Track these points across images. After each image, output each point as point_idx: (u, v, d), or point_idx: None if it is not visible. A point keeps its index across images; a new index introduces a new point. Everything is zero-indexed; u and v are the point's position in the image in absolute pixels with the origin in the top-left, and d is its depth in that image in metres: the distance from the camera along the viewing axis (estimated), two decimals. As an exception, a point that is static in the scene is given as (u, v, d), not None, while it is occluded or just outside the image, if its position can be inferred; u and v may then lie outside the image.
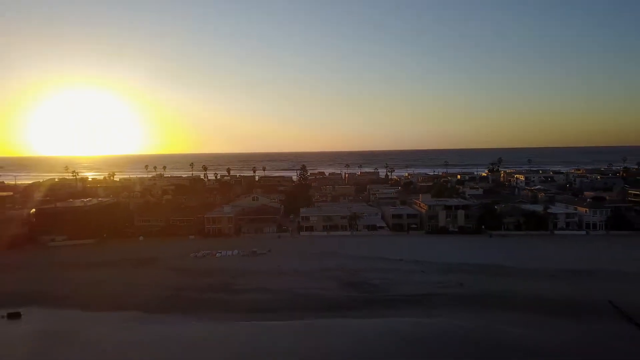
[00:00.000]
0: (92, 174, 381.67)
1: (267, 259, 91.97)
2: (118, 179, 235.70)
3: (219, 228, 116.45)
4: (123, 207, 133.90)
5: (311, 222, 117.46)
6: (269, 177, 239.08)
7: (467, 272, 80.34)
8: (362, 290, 71.60)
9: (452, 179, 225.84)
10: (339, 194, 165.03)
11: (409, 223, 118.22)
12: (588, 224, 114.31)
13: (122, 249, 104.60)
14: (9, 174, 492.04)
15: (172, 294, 72.00)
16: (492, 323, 55.31)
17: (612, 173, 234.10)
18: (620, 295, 67.27)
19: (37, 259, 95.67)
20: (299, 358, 47.99)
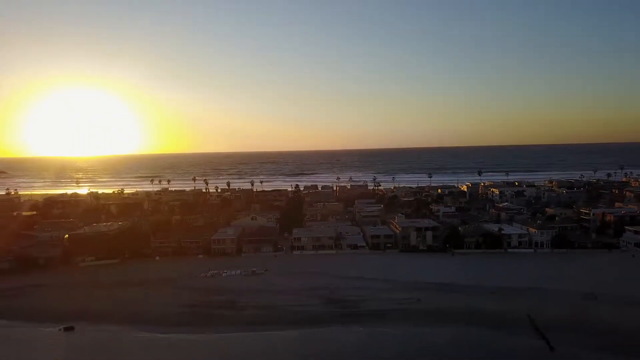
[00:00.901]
0: (97, 185, 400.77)
1: (264, 278, 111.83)
2: (126, 194, 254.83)
3: (223, 248, 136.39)
4: (139, 229, 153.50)
5: (302, 242, 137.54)
6: (265, 192, 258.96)
7: (426, 289, 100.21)
8: (341, 306, 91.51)
9: (433, 192, 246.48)
10: (329, 212, 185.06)
11: (386, 242, 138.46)
12: (537, 243, 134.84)
13: (142, 268, 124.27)
14: (14, 181, 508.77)
15: (187, 311, 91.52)
16: (428, 334, 75.47)
17: (580, 186, 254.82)
18: (540, 309, 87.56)
19: (74, 279, 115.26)
20: None
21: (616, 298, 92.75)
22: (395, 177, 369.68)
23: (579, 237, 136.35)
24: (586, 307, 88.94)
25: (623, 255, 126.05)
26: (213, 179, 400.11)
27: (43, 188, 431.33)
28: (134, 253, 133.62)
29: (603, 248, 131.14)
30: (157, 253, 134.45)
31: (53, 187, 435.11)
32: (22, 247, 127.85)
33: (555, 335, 75.32)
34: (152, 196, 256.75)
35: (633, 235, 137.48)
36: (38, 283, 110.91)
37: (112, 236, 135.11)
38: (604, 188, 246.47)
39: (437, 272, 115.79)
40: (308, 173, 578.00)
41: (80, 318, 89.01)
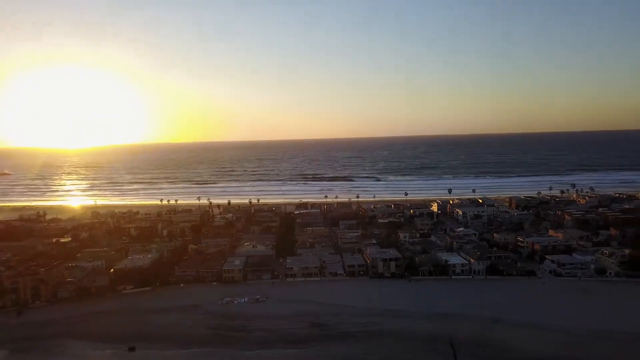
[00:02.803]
0: (97, 200, 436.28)
1: (265, 305, 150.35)
2: (140, 216, 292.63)
3: (232, 276, 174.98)
4: (164, 259, 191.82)
5: (294, 271, 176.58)
6: (262, 211, 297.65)
7: (383, 315, 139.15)
8: (320, 329, 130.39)
9: (407, 212, 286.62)
10: (316, 237, 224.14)
11: (359, 270, 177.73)
12: (475, 271, 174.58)
13: (171, 295, 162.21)
14: (20, 185, 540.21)
15: (211, 333, 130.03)
16: (371, 354, 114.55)
17: (534, 205, 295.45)
18: (459, 330, 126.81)
19: (123, 306, 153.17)
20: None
21: (516, 322, 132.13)
22: (382, 180, 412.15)
23: (507, 265, 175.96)
24: (491, 329, 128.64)
25: (536, 282, 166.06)
26: (217, 193, 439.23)
27: (54, 197, 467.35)
28: (162, 281, 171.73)
29: (524, 275, 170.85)
30: (181, 280, 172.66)
31: (62, 196, 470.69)
32: (77, 278, 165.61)
33: (466, 352, 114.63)
34: (163, 216, 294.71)
35: (550, 263, 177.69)
36: (97, 310, 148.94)
37: (146, 268, 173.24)
38: (554, 207, 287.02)
39: (394, 297, 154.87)
40: (310, 178, 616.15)
41: (137, 339, 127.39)
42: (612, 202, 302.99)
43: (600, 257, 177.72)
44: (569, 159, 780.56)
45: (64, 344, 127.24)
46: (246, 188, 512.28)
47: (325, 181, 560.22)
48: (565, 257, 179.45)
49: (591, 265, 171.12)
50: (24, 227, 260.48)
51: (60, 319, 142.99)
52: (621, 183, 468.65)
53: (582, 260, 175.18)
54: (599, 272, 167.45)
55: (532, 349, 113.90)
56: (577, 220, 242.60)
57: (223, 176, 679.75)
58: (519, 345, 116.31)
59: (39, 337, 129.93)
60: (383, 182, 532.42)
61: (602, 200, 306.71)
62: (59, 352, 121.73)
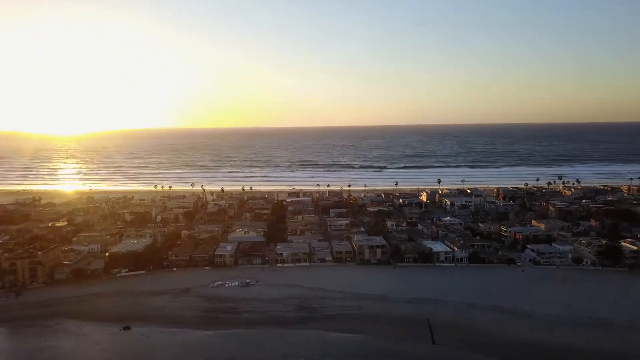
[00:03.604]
0: (103, 179, 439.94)
1: (255, 288, 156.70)
2: (136, 202, 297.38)
3: (224, 261, 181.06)
4: (158, 244, 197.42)
5: (284, 257, 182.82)
6: (255, 198, 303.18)
7: (367, 299, 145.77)
8: (306, 311, 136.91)
9: (396, 201, 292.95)
10: (307, 225, 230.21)
11: (346, 257, 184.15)
12: (458, 258, 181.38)
13: (165, 278, 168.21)
14: (18, 169, 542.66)
15: (203, 314, 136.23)
16: (351, 335, 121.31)
17: (520, 196, 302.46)
18: (438, 315, 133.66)
19: (118, 288, 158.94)
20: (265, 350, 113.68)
21: (492, 307, 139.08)
22: (374, 169, 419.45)
23: (489, 254, 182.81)
24: (468, 313, 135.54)
25: (516, 270, 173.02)
26: (210, 180, 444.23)
27: (49, 181, 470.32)
28: (156, 265, 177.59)
29: (505, 263, 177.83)
30: (174, 265, 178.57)
31: (57, 181, 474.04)
32: (73, 260, 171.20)
33: (442, 334, 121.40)
34: (158, 202, 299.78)
35: (529, 252, 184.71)
36: (93, 292, 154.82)
37: (140, 252, 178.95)
38: (539, 198, 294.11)
39: (379, 283, 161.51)
40: (306, 165, 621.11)
41: (132, 319, 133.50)
42: (596, 194, 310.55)
43: (578, 246, 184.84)
44: (559, 150, 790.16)
45: (61, 323, 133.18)
46: (241, 175, 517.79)
47: (318, 169, 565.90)
48: (545, 246, 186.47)
49: (569, 254, 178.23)
50: (19, 211, 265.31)
51: (57, 300, 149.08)
52: (610, 174, 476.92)
53: (561, 249, 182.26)
54: (576, 261, 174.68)
55: (504, 332, 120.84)
56: (560, 211, 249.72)
57: (221, 163, 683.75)
58: (492, 329, 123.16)
59: (38, 317, 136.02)
60: (375, 171, 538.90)
61: (587, 192, 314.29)
62: (56, 331, 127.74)
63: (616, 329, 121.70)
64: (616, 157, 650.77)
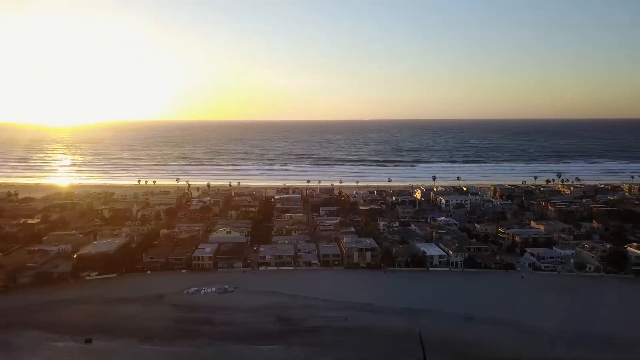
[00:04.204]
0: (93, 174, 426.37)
1: (233, 295, 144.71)
2: (117, 198, 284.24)
3: (202, 264, 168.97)
4: (132, 246, 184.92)
5: (267, 260, 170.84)
6: (242, 194, 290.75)
7: (354, 309, 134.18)
8: (286, 323, 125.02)
9: (389, 199, 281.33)
10: (294, 224, 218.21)
11: (334, 260, 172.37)
12: (453, 263, 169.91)
13: (137, 283, 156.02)
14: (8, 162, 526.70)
15: (174, 327, 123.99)
16: (340, 349, 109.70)
17: (517, 194, 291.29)
18: (430, 327, 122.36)
19: (85, 294, 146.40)
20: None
21: (489, 319, 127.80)
22: (368, 165, 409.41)
23: (486, 258, 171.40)
24: (464, 327, 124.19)
25: (515, 276, 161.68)
26: (202, 174, 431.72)
27: (31, 174, 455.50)
28: (129, 268, 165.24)
29: (502, 269, 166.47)
30: (149, 268, 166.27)
31: (40, 174, 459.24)
32: (39, 263, 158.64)
33: (435, 350, 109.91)
34: (140, 198, 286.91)
35: (529, 256, 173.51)
36: (57, 299, 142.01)
37: (112, 254, 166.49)
38: (538, 196, 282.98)
39: (368, 290, 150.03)
40: (298, 159, 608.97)
41: (96, 330, 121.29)
42: (596, 192, 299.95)
43: (580, 251, 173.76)
44: (553, 146, 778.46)
45: (18, 334, 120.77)
46: (234, 169, 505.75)
47: (312, 163, 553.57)
48: (545, 250, 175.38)
49: (571, 259, 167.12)
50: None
51: (17, 308, 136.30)
52: (608, 172, 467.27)
53: (562, 254, 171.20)
54: (578, 267, 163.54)
55: (501, 348, 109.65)
56: (560, 212, 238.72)
57: (215, 156, 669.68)
58: (489, 344, 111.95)
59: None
60: (369, 166, 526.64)
61: (587, 191, 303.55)
62: (9, 344, 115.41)
63: (625, 345, 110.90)
64: (612, 154, 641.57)
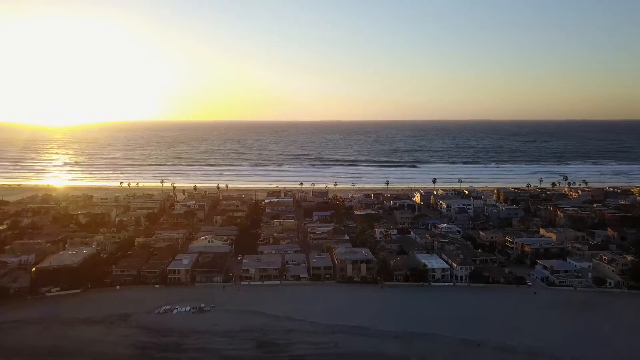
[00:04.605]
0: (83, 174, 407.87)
1: (209, 315, 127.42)
2: (96, 202, 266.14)
3: (178, 277, 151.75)
4: (101, 257, 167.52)
5: (250, 273, 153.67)
6: (230, 198, 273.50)
7: (345, 332, 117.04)
8: (267, 350, 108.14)
9: (386, 203, 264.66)
10: (284, 231, 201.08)
11: (325, 273, 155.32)
12: (457, 277, 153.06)
13: (103, 300, 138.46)
14: None
15: (139, 353, 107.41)
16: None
17: (523, 199, 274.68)
18: (430, 354, 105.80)
19: (43, 312, 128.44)
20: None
21: (500, 345, 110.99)
22: (364, 166, 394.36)
23: (494, 271, 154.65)
24: (471, 354, 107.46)
25: (527, 292, 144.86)
26: (187, 177, 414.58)
27: (10, 176, 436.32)
28: (96, 282, 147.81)
29: (512, 283, 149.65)
30: (118, 282, 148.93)
31: (19, 176, 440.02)
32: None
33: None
34: (121, 201, 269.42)
35: (541, 270, 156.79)
36: (13, 319, 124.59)
37: (76, 267, 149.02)
38: (545, 201, 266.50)
39: (362, 309, 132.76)
40: (293, 160, 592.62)
41: (53, 355, 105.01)
42: (605, 196, 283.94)
43: (598, 263, 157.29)
44: (558, 148, 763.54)
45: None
46: (225, 169, 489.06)
47: (307, 164, 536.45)
48: (559, 262, 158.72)
49: (589, 273, 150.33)
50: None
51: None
52: (613, 174, 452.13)
53: (578, 267, 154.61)
54: (597, 282, 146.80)
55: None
56: (570, 218, 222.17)
57: (209, 156, 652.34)
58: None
59: None
60: (365, 168, 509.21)
61: (595, 195, 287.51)
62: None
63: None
64: (613, 155, 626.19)
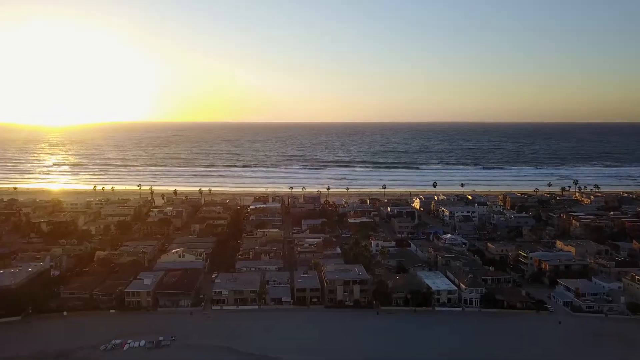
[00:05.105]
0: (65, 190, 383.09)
1: (168, 352, 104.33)
2: (64, 209, 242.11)
3: (139, 301, 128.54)
4: (50, 276, 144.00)
5: (223, 296, 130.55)
6: (213, 204, 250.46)
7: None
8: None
9: (383, 209, 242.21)
10: (268, 242, 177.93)
11: (312, 296, 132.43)
12: (466, 300, 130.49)
13: (43, 331, 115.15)
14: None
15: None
16: None
17: (531, 205, 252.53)
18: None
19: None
20: None
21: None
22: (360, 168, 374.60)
23: (509, 294, 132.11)
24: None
25: (549, 321, 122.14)
26: (168, 180, 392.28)
27: None
28: (39, 307, 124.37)
29: (532, 309, 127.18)
30: (66, 306, 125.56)
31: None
32: None
33: None
34: (93, 207, 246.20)
35: (563, 291, 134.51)
36: None
37: (15, 289, 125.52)
38: (555, 207, 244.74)
39: (354, 342, 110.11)
40: (286, 162, 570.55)
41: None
42: (620, 202, 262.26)
43: (629, 284, 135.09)
44: (561, 150, 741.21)
45: None
46: (212, 171, 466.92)
47: (299, 167, 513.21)
48: (584, 282, 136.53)
49: (621, 296, 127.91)
50: None
51: None
52: (618, 177, 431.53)
53: (607, 288, 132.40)
54: (632, 308, 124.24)
55: None
56: (586, 227, 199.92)
57: (200, 157, 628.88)
58: None
59: None
60: (360, 170, 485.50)
61: (609, 200, 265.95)
62: None
63: None
64: (615, 158, 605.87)
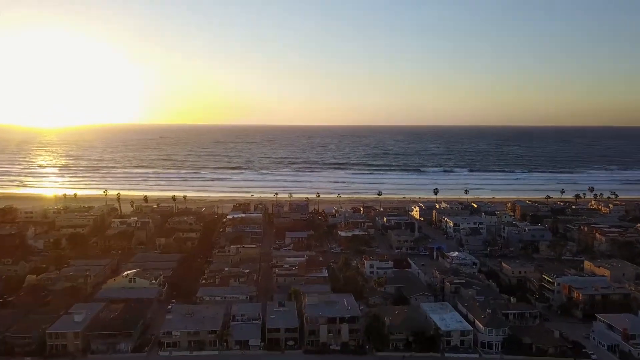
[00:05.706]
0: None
1: None
2: (22, 212, 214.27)
3: (64, 346, 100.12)
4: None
5: (174, 338, 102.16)
6: (184, 213, 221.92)
7: None
8: None
9: (379, 220, 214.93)
10: (241, 263, 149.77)
11: (288, 338, 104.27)
12: (484, 344, 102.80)
13: None
14: None
15: None
16: None
17: (544, 215, 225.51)
18: None
19: None
20: None
21: None
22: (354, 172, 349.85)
23: (537, 335, 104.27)
24: None
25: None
26: (147, 184, 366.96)
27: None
28: None
29: (569, 356, 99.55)
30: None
31: None
32: None
33: None
34: (49, 216, 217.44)
35: (605, 330, 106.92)
36: None
37: None
38: (572, 217, 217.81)
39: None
40: (276, 164, 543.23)
41: None
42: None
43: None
44: (566, 154, 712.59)
45: None
46: (194, 175, 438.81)
47: (291, 170, 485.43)
48: (632, 319, 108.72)
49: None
50: None
51: None
52: (625, 182, 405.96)
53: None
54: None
55: None
56: (614, 242, 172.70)
57: (193, 159, 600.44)
58: None
59: None
60: (354, 174, 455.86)
61: (630, 209, 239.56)
62: None
63: None
64: (619, 161, 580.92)
